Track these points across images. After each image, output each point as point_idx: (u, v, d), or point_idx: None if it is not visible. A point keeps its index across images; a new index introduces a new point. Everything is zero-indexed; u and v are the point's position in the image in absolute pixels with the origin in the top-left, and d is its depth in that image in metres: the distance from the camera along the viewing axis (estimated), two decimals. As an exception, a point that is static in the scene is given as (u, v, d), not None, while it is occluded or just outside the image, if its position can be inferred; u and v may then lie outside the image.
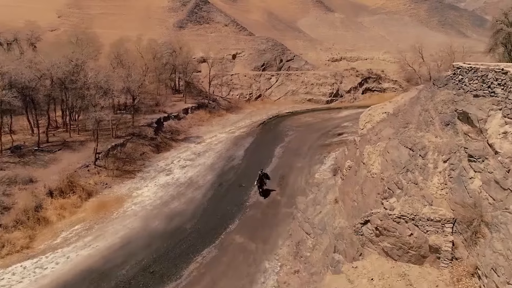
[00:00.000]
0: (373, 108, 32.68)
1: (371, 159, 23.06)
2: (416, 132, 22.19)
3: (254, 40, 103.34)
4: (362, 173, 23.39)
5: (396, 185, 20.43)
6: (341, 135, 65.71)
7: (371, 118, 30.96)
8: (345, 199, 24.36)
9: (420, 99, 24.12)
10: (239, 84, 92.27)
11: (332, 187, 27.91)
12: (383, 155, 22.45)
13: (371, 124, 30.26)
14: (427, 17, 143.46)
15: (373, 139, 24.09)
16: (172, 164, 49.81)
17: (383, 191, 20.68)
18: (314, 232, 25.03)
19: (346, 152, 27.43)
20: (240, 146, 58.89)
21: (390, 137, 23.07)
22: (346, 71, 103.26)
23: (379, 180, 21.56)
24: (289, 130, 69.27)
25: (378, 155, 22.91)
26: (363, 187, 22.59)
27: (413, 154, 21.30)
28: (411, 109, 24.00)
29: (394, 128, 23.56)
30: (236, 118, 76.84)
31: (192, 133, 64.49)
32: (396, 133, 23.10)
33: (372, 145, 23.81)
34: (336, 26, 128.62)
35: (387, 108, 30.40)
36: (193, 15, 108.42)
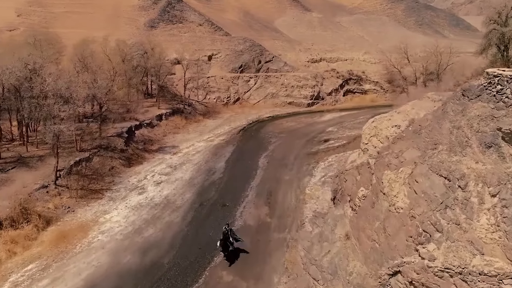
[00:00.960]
0: (377, 119, 28.43)
1: (394, 189, 18.73)
2: (450, 155, 17.97)
3: (230, 40, 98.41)
4: (383, 206, 19.05)
5: (433, 227, 16.13)
6: (327, 142, 61.78)
7: (377, 131, 26.68)
8: (360, 236, 19.99)
9: (448, 113, 19.95)
10: (216, 87, 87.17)
11: (341, 219, 23.51)
12: (410, 184, 18.15)
13: (378, 138, 25.98)
14: (404, 17, 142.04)
15: (394, 163, 19.77)
16: (146, 180, 44.39)
17: (417, 234, 16.35)
18: (323, 278, 20.57)
19: (358, 177, 23.07)
20: (220, 156, 53.93)
21: (416, 161, 18.79)
22: (327, 73, 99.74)
23: (408, 218, 17.26)
24: (272, 137, 64.74)
25: (403, 183, 18.60)
26: (386, 224, 18.28)
27: (449, 185, 17.05)
28: (437, 125, 19.78)
29: (420, 149, 19.28)
30: (214, 124, 71.72)
31: (167, 142, 59.05)
32: (423, 156, 18.83)
33: (393, 171, 19.48)
34: (314, 26, 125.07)
35: (396, 120, 26.18)
36: (165, 14, 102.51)
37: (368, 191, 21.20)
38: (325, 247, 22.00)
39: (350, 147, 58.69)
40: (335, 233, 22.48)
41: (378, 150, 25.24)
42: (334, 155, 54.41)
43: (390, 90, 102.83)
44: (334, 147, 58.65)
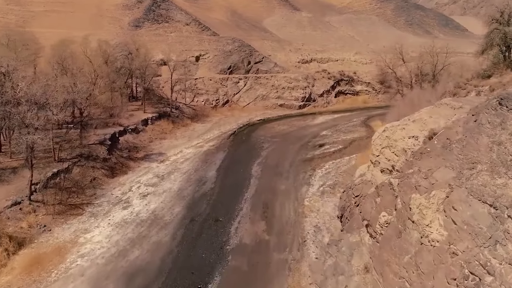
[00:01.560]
0: (389, 129, 25.57)
1: (426, 217, 15.87)
2: (493, 177, 15.14)
3: (218, 40, 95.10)
4: (413, 237, 16.17)
5: (483, 268, 13.24)
6: (323, 147, 59.03)
7: (390, 142, 23.80)
8: (384, 271, 17.10)
9: (483, 125, 17.12)
10: (204, 89, 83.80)
11: (358, 248, 20.58)
12: (447, 212, 15.30)
13: (392, 150, 23.11)
14: (394, 17, 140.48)
15: (423, 185, 16.90)
16: (131, 192, 40.87)
17: (463, 277, 13.47)
18: (340, 320, 17.67)
19: (378, 199, 20.16)
20: (210, 164, 50.66)
21: (451, 184, 15.92)
22: (318, 74, 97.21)
23: (448, 254, 14.41)
24: (264, 142, 61.69)
25: (436, 210, 15.74)
26: (418, 260, 15.42)
27: (497, 214, 14.22)
28: (472, 140, 16.95)
29: (454, 169, 16.43)
30: (203, 129, 68.37)
31: (153, 149, 55.53)
32: (459, 177, 15.98)
33: (423, 195, 16.60)
34: (304, 25, 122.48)
35: (412, 130, 23.35)
36: (151, 13, 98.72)
37: (391, 217, 18.30)
38: (341, 282, 19.02)
39: (347, 152, 56.17)
40: (351, 265, 19.53)
41: (393, 164, 22.34)
42: (331, 162, 51.71)
43: (382, 91, 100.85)
44: (330, 153, 55.94)
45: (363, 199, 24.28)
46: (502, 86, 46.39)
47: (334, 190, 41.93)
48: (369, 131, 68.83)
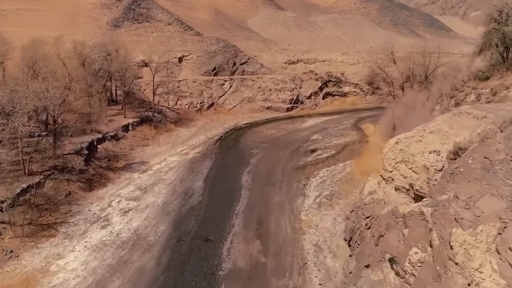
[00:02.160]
0: (402, 141, 22.72)
1: (474, 259, 12.98)
2: (557, 210, 12.24)
3: (202, 40, 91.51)
4: (457, 283, 13.22)
5: None
6: (315, 153, 56.19)
7: (406, 157, 20.95)
8: (420, 322, 14.17)
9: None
10: (188, 91, 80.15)
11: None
12: (501, 254, 12.44)
13: (410, 167, 20.24)
14: (379, 17, 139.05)
15: (466, 218, 13.97)
16: (110, 208, 37.15)
17: None
18: None
19: (406, 231, 17.18)
20: (197, 173, 47.21)
21: (503, 217, 13.05)
22: (305, 75, 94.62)
23: (510, 310, 11.53)
24: (253, 148, 58.50)
25: (487, 251, 12.87)
26: (467, 313, 12.55)
27: None
28: (520, 160, 14.06)
29: (503, 197, 13.58)
30: (187, 134, 64.78)
31: (135, 157, 51.76)
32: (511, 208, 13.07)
33: (467, 229, 13.70)
34: (289, 25, 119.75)
35: (431, 144, 20.51)
36: (130, 12, 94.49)
37: (426, 255, 15.37)
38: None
39: (340, 158, 53.47)
40: (375, 310, 16.63)
41: (411, 182, 19.44)
42: (325, 169, 48.87)
43: (370, 92, 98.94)
44: (323, 159, 53.13)
45: (375, 221, 21.34)
46: (505, 89, 44.36)
47: (332, 202, 39.07)
48: (361, 134, 66.50)
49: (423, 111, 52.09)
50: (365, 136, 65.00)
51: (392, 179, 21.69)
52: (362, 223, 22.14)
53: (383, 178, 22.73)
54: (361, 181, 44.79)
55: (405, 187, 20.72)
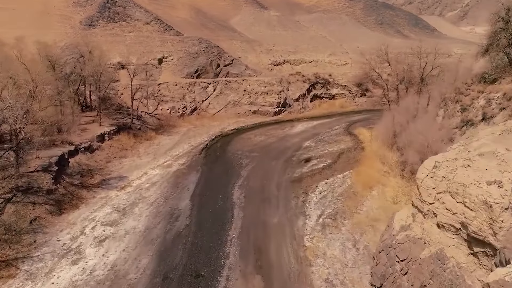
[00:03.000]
0: (443, 164, 18.48)
1: None
2: None
3: (183, 41, 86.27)
4: None
5: None
6: (309, 162, 51.92)
7: (452, 187, 16.72)
8: None
9: None
10: (169, 95, 74.87)
11: None
12: None
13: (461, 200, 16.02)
14: (364, 16, 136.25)
15: None
16: (83, 237, 31.91)
17: None
18: None
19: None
20: (182, 189, 42.27)
21: None
22: (292, 76, 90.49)
23: None
24: (242, 157, 53.85)
25: None
26: None
27: None
28: None
29: None
30: (170, 142, 59.61)
31: (112, 171, 46.43)
32: None
33: None
34: (273, 25, 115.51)
35: (485, 171, 16.35)
36: (106, 11, 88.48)
37: None
38: None
39: (338, 169, 49.35)
40: None
41: (465, 221, 15.17)
42: (323, 182, 44.60)
43: (359, 94, 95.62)
44: (319, 170, 48.89)
45: (413, 266, 17.06)
46: (520, 93, 40.98)
47: (337, 222, 34.77)
48: (356, 140, 62.69)
49: (427, 117, 48.45)
50: (360, 142, 61.18)
51: (434, 213, 17.48)
52: (396, 267, 17.90)
53: (419, 210, 18.48)
54: (364, 195, 40.80)
55: (453, 226, 16.55)
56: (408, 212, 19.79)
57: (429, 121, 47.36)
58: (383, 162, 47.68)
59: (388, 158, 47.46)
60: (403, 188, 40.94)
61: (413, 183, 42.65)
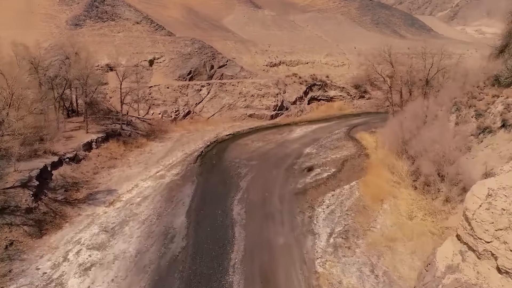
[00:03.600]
0: (498, 193, 15.30)
1: None
2: None
3: (175, 41, 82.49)
4: None
5: None
6: (313, 171, 48.62)
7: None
8: None
9: None
10: (161, 99, 71.07)
11: None
12: None
13: None
14: (359, 16, 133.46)
15: None
16: (66, 264, 28.16)
17: None
18: None
19: None
20: (177, 204, 38.70)
21: None
22: (288, 78, 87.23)
23: None
24: (240, 166, 50.35)
25: None
26: None
27: None
28: None
29: None
30: (162, 150, 55.88)
31: (99, 184, 42.65)
32: None
33: None
34: (268, 25, 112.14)
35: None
36: (93, 10, 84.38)
37: None
38: None
39: (343, 178, 46.12)
40: None
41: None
42: (329, 194, 41.35)
43: (357, 96, 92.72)
44: (324, 180, 45.57)
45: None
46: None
47: (349, 242, 31.47)
48: (358, 146, 59.56)
49: (438, 123, 45.42)
50: (363, 148, 58.06)
51: (493, 254, 14.23)
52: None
53: (471, 248, 15.23)
54: (375, 209, 37.58)
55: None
56: (453, 247, 16.49)
57: (441, 127, 44.28)
58: (392, 172, 44.55)
59: (397, 167, 44.33)
60: (418, 201, 37.83)
61: (427, 196, 39.77)
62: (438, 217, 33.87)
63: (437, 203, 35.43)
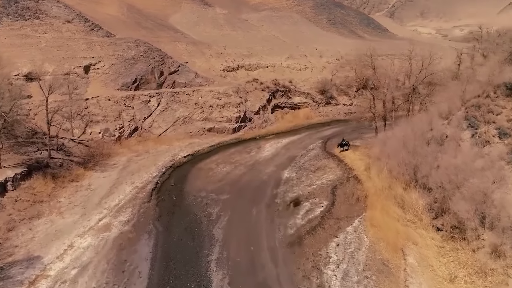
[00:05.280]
0: None
1: None
2: None
3: (116, 43, 69.69)
4: None
5: None
6: (300, 206, 39.17)
7: None
8: None
9: None
10: (101, 114, 58.32)
11: None
12: None
13: None
14: (315, 15, 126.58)
15: None
16: None
17: None
18: None
19: None
20: (131, 276, 27.44)
21: None
22: (249, 84, 77.46)
23: None
24: (208, 203, 39.69)
25: None
26: None
27: None
28: None
29: None
30: (105, 183, 43.72)
31: (16, 247, 30.19)
32: None
33: None
34: (221, 24, 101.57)
35: None
36: (12, 5, 69.35)
37: None
38: None
39: (341, 215, 37.09)
40: None
41: None
42: (332, 242, 32.01)
43: (323, 103, 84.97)
44: (318, 219, 36.16)
45: None
46: None
47: (388, 333, 22.07)
48: (342, 166, 51.23)
49: (453, 144, 37.54)
50: (349, 169, 49.48)
51: None
52: None
53: None
54: (399, 266, 28.59)
55: None
56: None
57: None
58: (401, 206, 36.07)
59: (408, 200, 35.89)
60: (449, 251, 29.41)
61: (462, 244, 31.21)
62: (491, 280, 25.47)
63: (482, 256, 27.02)
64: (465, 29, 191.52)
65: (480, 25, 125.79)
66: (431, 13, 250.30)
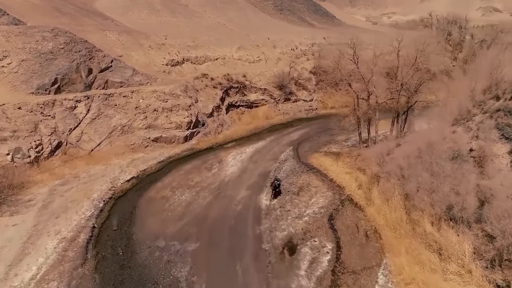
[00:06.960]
0: None
1: None
2: None
3: (27, 33, 54.31)
4: None
5: None
6: (297, 254, 29.68)
7: None
8: None
9: None
10: (9, 128, 43.67)
11: None
12: None
13: None
14: (261, 1, 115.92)
15: None
16: None
17: None
18: None
19: None
20: None
21: None
22: (198, 81, 65.59)
23: None
24: (172, 262, 28.28)
25: None
26: None
27: None
28: None
29: None
30: (16, 239, 30.42)
31: None
32: None
33: None
34: (158, 10, 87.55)
35: None
36: None
37: None
38: None
39: (356, 267, 27.71)
40: None
41: None
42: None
43: (282, 100, 75.50)
44: (329, 275, 26.59)
45: None
46: None
47: None
48: (328, 183, 42.08)
49: (494, 166, 29.28)
50: (339, 187, 40.30)
51: None
52: None
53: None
54: None
55: None
56: None
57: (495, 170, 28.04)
58: (437, 251, 27.20)
59: (445, 244, 27.05)
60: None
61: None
62: None
63: None
64: (392, 17, 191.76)
65: (430, 12, 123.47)
66: (360, 1, 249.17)
